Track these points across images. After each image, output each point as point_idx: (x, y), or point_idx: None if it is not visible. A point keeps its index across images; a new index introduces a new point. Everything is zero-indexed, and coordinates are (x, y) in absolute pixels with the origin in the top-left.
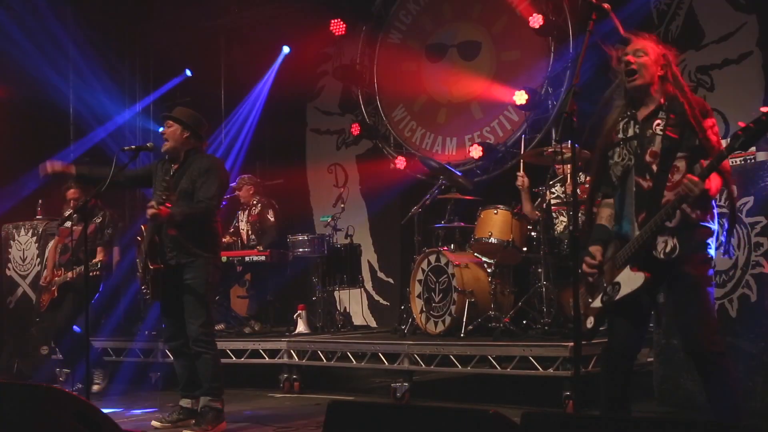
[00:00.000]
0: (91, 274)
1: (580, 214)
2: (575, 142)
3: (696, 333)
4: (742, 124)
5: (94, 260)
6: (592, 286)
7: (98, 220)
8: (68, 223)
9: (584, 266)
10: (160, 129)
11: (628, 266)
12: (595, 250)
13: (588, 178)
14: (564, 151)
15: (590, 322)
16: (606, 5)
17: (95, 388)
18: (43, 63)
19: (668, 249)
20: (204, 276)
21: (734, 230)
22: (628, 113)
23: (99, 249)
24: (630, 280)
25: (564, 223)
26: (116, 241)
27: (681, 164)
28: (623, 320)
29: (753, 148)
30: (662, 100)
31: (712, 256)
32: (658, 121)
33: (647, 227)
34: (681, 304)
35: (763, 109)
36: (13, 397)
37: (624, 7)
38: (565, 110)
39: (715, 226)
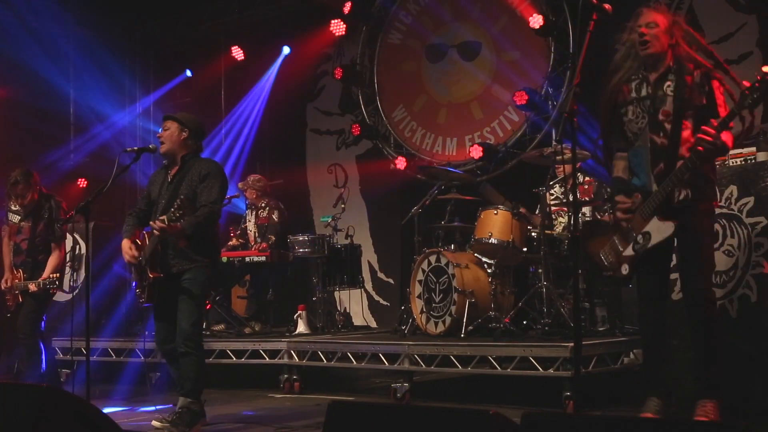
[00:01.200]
0: (50, 290)
1: (580, 214)
2: (575, 143)
3: (695, 286)
4: (747, 84)
5: (54, 275)
6: (623, 235)
7: (46, 215)
8: (16, 218)
9: (618, 213)
10: (161, 131)
11: (655, 217)
12: (622, 198)
13: (587, 179)
14: (564, 151)
15: (625, 269)
16: (606, 5)
17: None
18: (43, 63)
19: (681, 197)
20: (201, 278)
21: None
22: (641, 75)
23: (53, 246)
24: (660, 229)
25: (564, 224)
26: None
27: (689, 122)
28: (651, 267)
29: (753, 148)
30: (671, 63)
31: (714, 208)
32: (669, 83)
33: (670, 179)
34: (686, 256)
35: (766, 68)
36: (13, 397)
37: (624, 7)
38: (565, 110)
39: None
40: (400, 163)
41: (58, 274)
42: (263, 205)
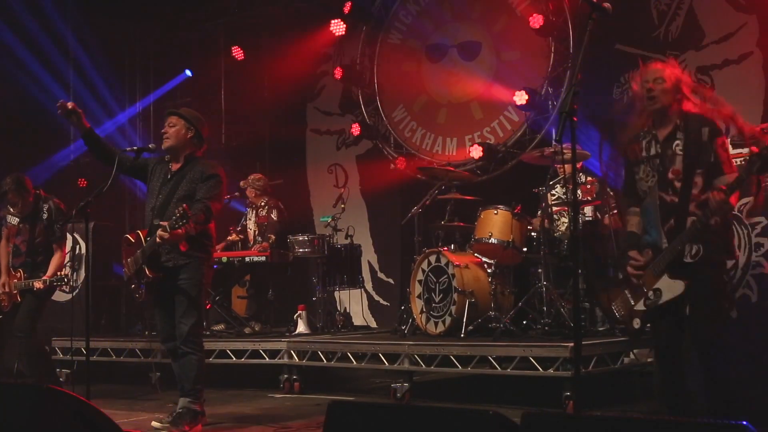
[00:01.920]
0: (57, 288)
1: (580, 215)
2: (575, 143)
3: (702, 337)
4: (755, 150)
5: (60, 272)
6: (634, 290)
7: (45, 216)
8: (15, 220)
9: (629, 269)
10: (165, 126)
11: (666, 274)
12: (635, 254)
13: (588, 178)
14: (564, 151)
15: (636, 323)
16: (606, 5)
17: None
18: (43, 63)
19: (693, 252)
20: (198, 277)
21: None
22: (651, 133)
23: (55, 247)
24: (671, 287)
25: (565, 224)
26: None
27: (698, 179)
28: (666, 322)
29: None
30: (678, 121)
31: (726, 262)
32: (677, 142)
33: (681, 238)
34: (696, 307)
35: (762, 126)
36: (13, 397)
37: (624, 7)
38: (565, 110)
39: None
40: (400, 163)
41: (66, 271)
42: (263, 204)
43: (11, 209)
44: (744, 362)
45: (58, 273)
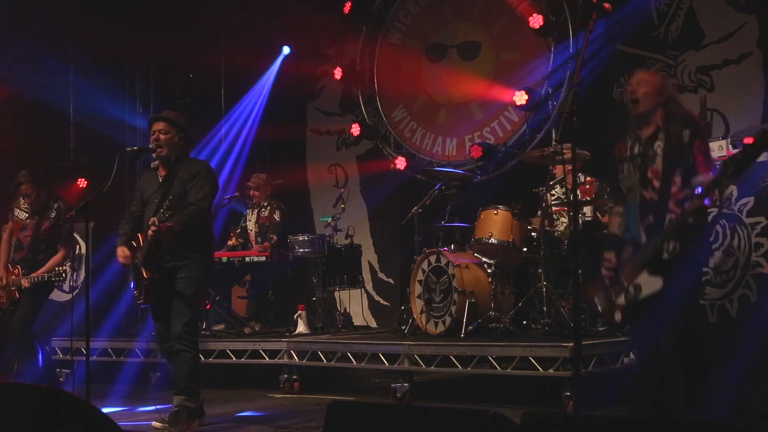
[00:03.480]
0: (55, 282)
1: (581, 214)
2: (575, 142)
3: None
4: (730, 153)
5: (60, 268)
6: (617, 285)
7: (53, 215)
8: (23, 215)
9: (603, 270)
10: (156, 134)
11: (646, 271)
12: (610, 255)
13: (588, 179)
14: (564, 151)
15: (618, 316)
16: (606, 5)
17: None
18: (43, 63)
19: (671, 248)
20: (196, 277)
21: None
22: (636, 133)
23: (60, 247)
24: (650, 283)
25: (564, 224)
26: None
27: (678, 179)
28: (645, 316)
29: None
30: (661, 123)
31: (701, 261)
32: (659, 143)
33: (660, 238)
34: (667, 300)
35: (748, 140)
36: (13, 397)
37: (624, 7)
38: (565, 110)
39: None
40: (400, 163)
41: (65, 267)
42: (265, 204)
43: (22, 202)
44: (744, 362)
45: (57, 269)
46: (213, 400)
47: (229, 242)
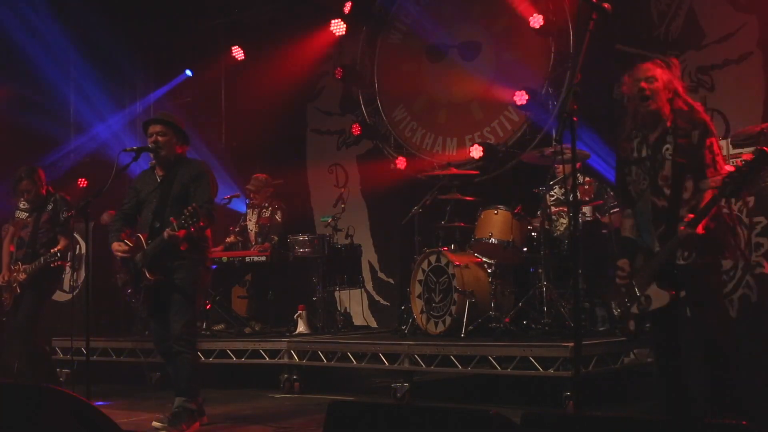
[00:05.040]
0: (51, 265)
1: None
2: (575, 142)
3: (710, 331)
4: (731, 168)
5: (52, 249)
6: (631, 293)
7: (50, 207)
8: (24, 214)
9: (617, 279)
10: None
11: (655, 283)
12: (623, 263)
13: (587, 179)
14: (564, 151)
15: (632, 325)
16: (606, 5)
17: None
18: (44, 62)
19: (686, 254)
20: (192, 276)
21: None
22: (642, 133)
23: (60, 237)
24: (658, 296)
25: (564, 224)
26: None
27: (689, 183)
28: (661, 325)
29: (753, 148)
30: (669, 123)
31: (720, 264)
32: (667, 146)
33: (668, 246)
34: (694, 308)
35: (746, 156)
36: (13, 397)
37: (624, 7)
38: (565, 110)
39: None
40: (400, 163)
41: (60, 248)
42: (266, 205)
43: (21, 205)
44: (744, 362)
45: (52, 250)
46: (213, 400)
47: (228, 240)
